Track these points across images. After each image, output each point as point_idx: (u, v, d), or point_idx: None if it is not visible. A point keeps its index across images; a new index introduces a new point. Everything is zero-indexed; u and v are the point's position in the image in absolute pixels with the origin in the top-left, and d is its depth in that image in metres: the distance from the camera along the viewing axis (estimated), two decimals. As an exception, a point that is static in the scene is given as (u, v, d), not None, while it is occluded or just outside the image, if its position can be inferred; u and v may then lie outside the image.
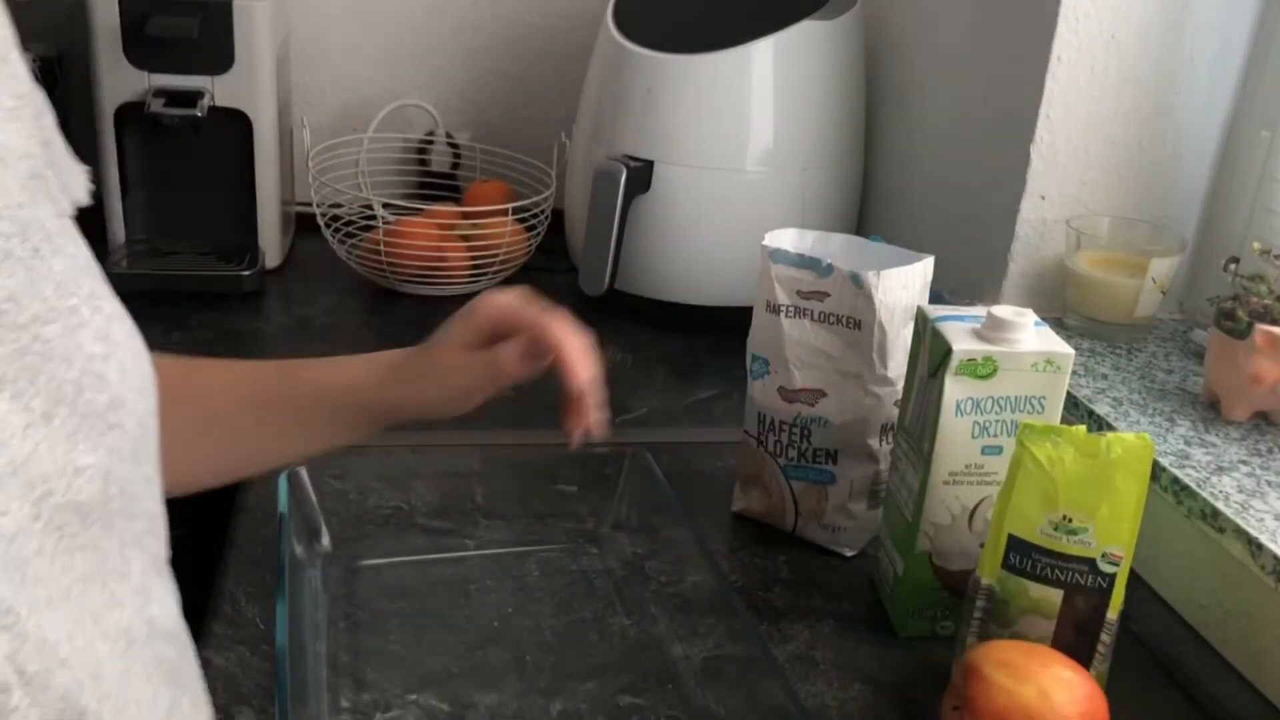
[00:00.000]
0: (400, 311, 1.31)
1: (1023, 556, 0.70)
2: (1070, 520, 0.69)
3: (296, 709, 0.62)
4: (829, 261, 0.84)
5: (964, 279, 1.14)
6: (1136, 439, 0.68)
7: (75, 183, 0.58)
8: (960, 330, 0.76)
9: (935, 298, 0.87)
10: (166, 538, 0.55)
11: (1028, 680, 0.64)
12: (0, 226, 0.45)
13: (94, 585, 0.48)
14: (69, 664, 0.45)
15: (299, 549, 0.81)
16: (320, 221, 1.34)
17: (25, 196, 0.47)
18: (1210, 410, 0.92)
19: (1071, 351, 0.76)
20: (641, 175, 1.23)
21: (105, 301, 0.50)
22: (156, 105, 1.24)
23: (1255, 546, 0.75)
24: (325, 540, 0.85)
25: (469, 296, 1.33)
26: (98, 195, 1.42)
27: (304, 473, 0.85)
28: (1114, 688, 0.70)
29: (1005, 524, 0.71)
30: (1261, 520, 0.77)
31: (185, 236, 1.33)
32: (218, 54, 1.25)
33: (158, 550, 0.53)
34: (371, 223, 1.32)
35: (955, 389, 0.75)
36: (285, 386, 0.76)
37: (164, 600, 0.53)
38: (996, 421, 0.76)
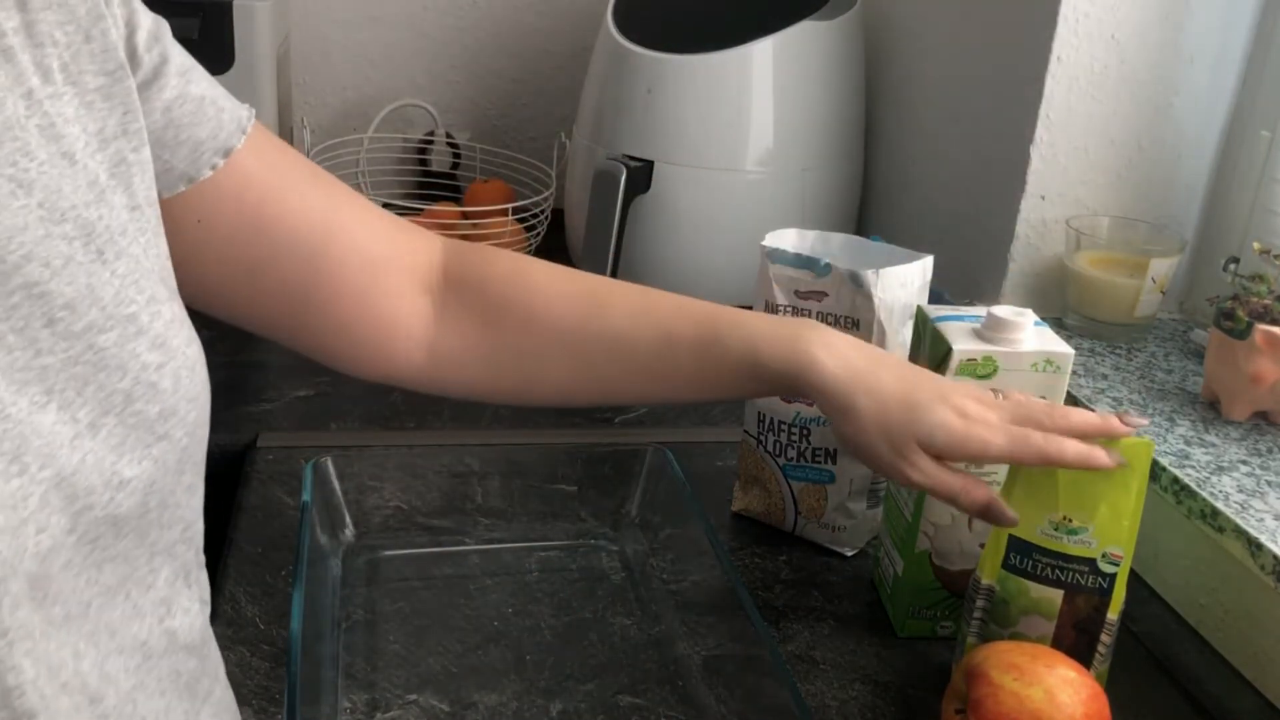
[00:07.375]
0: (400, 311, 1.30)
1: (1023, 556, 0.70)
2: (1070, 520, 0.69)
3: (305, 702, 0.62)
4: (827, 261, 0.84)
5: (964, 279, 1.14)
6: (1136, 439, 0.68)
7: (223, 130, 0.55)
8: (960, 330, 0.76)
9: (935, 297, 0.87)
10: (201, 543, 0.53)
11: (1034, 682, 0.64)
12: (64, 229, 0.43)
13: (117, 597, 0.46)
14: (69, 688, 0.44)
15: (323, 539, 0.81)
16: (320, 221, 1.33)
17: (93, 194, 0.45)
18: (1210, 410, 0.92)
19: (1071, 351, 0.76)
20: (641, 175, 1.23)
21: (165, 305, 0.48)
22: (156, 105, 1.24)
23: (1255, 546, 0.75)
24: (324, 539, 0.85)
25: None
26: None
27: (329, 463, 0.85)
28: (1114, 688, 0.70)
29: (1005, 524, 0.71)
30: (1261, 520, 0.77)
31: (185, 236, 1.33)
32: (218, 54, 1.25)
33: (189, 557, 0.52)
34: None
35: (955, 389, 0.75)
36: (702, 340, 0.70)
37: (188, 609, 0.52)
38: (996, 421, 0.76)
